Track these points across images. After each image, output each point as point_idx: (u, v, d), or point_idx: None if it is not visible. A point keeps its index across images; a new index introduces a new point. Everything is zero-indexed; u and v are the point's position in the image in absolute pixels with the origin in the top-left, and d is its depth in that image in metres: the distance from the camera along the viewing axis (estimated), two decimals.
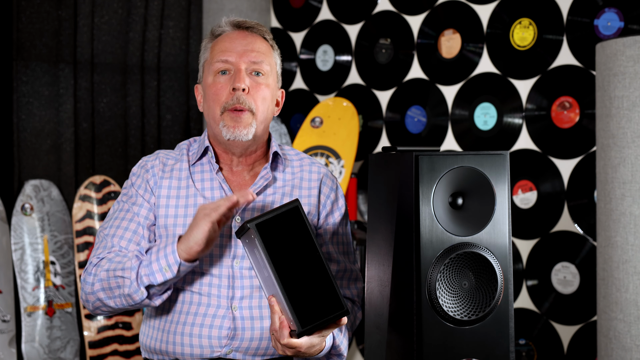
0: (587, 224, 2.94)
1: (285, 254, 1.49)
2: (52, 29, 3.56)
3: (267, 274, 1.52)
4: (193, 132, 3.93)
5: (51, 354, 3.38)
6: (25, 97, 3.52)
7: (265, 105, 1.81)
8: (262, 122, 1.81)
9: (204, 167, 1.84)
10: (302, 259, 1.50)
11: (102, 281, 1.70)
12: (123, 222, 1.79)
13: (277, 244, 1.48)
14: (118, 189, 3.61)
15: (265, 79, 1.81)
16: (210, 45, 1.86)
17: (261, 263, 1.52)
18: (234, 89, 1.77)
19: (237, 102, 1.76)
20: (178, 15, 3.87)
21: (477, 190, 1.43)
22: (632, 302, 2.08)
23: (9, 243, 3.36)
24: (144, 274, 1.65)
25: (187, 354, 1.75)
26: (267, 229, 1.48)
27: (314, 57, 3.84)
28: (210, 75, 1.82)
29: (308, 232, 1.51)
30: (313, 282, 1.50)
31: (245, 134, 1.78)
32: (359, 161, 3.64)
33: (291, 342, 1.54)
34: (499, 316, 1.44)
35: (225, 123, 1.78)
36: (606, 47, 2.16)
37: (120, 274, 1.67)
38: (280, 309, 1.54)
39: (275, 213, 1.49)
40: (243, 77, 1.78)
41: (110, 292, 1.70)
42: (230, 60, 1.79)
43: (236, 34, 1.83)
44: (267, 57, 1.83)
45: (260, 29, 1.85)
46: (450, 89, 3.33)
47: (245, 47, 1.80)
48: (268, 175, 1.83)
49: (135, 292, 1.66)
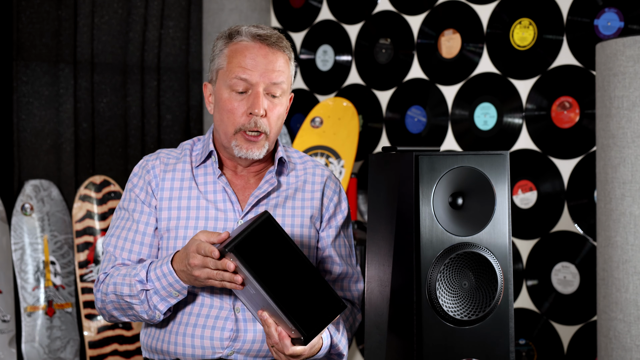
0: (587, 224, 2.94)
1: (270, 267, 1.47)
2: (52, 29, 3.56)
3: (254, 292, 1.51)
4: (193, 132, 3.93)
5: (51, 354, 3.38)
6: (25, 97, 3.52)
7: (278, 123, 1.79)
8: (274, 139, 1.80)
9: (207, 169, 1.83)
10: (288, 266, 1.49)
11: (112, 302, 1.73)
12: (123, 232, 1.80)
13: (259, 260, 1.47)
14: (118, 189, 3.62)
15: (280, 99, 1.78)
16: (226, 51, 1.77)
17: (246, 282, 1.52)
18: (251, 113, 1.73)
19: (254, 127, 1.74)
20: (178, 15, 3.87)
21: (477, 190, 1.43)
22: (632, 302, 2.08)
23: (9, 243, 3.36)
24: (156, 302, 1.68)
25: (189, 355, 1.75)
26: (245, 248, 1.47)
27: (314, 57, 3.84)
28: (226, 90, 1.76)
29: (286, 239, 1.49)
30: (305, 286, 1.49)
31: (258, 155, 1.77)
32: (359, 161, 3.64)
33: (296, 350, 1.54)
34: (499, 316, 1.44)
35: (238, 143, 1.75)
36: (606, 47, 2.16)
37: (128, 300, 1.69)
38: (276, 320, 1.54)
39: (249, 230, 1.47)
40: (261, 102, 1.73)
41: (122, 311, 1.74)
42: (249, 80, 1.74)
43: (257, 50, 1.75)
44: (286, 74, 1.78)
45: (281, 44, 1.78)
46: (450, 89, 3.33)
47: (267, 67, 1.74)
48: (273, 180, 1.82)
49: (153, 317, 1.71)
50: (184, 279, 1.63)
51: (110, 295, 1.72)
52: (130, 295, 1.68)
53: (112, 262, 1.77)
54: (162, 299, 1.67)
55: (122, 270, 1.72)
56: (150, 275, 1.66)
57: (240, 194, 1.82)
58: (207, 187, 1.81)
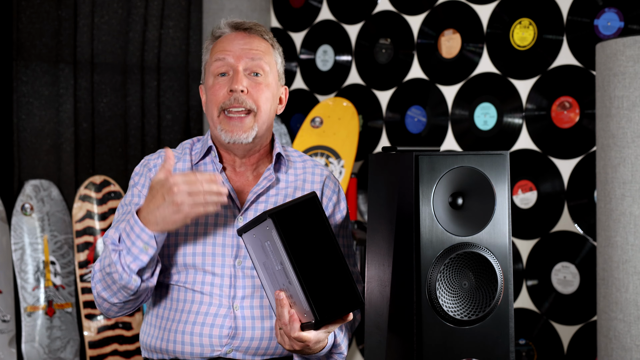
0: (587, 224, 2.94)
1: (302, 244, 1.47)
2: (52, 29, 3.56)
3: (279, 267, 1.50)
4: (193, 132, 3.93)
5: (51, 354, 3.38)
6: (25, 97, 3.52)
7: (267, 105, 1.80)
8: (264, 122, 1.80)
9: (207, 166, 1.84)
10: (319, 250, 1.49)
11: (100, 281, 1.70)
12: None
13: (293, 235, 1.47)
14: (118, 189, 3.62)
15: (264, 79, 1.81)
16: (210, 47, 1.86)
17: (273, 256, 1.51)
18: (232, 90, 1.77)
19: (234, 102, 1.76)
20: (178, 15, 3.87)
21: (477, 190, 1.43)
22: (632, 302, 2.08)
23: (9, 243, 3.36)
24: (129, 262, 1.63)
25: (187, 353, 1.75)
26: (284, 219, 1.47)
27: (314, 57, 3.84)
28: (211, 77, 1.82)
29: (325, 223, 1.50)
30: (330, 273, 1.49)
31: (245, 137, 1.78)
32: (359, 161, 3.64)
33: (302, 335, 1.53)
34: (499, 316, 1.44)
35: (223, 127, 1.78)
36: (606, 47, 2.16)
37: (109, 270, 1.66)
38: (290, 302, 1.54)
39: (292, 203, 1.48)
40: (241, 78, 1.77)
41: (109, 289, 1.69)
42: (228, 60, 1.79)
43: (234, 35, 1.83)
44: (266, 56, 1.82)
45: (259, 29, 1.85)
46: (450, 89, 3.33)
47: (243, 47, 1.80)
48: (271, 176, 1.83)
49: (129, 282, 1.65)
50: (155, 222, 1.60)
51: (97, 273, 1.70)
52: (109, 265, 1.65)
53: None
54: (134, 257, 1.62)
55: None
56: (122, 235, 1.64)
57: (239, 190, 1.83)
58: None
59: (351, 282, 1.50)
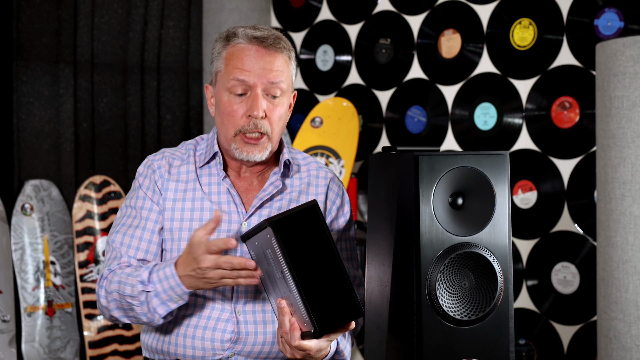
0: (587, 224, 2.94)
1: (302, 253, 1.47)
2: (52, 29, 3.56)
3: (280, 275, 1.50)
4: (193, 132, 3.93)
5: (51, 354, 3.38)
6: (25, 97, 3.52)
7: (280, 124, 1.78)
8: (277, 139, 1.78)
9: (211, 170, 1.82)
10: (319, 259, 1.48)
11: (115, 301, 1.70)
12: (130, 230, 1.78)
13: (294, 243, 1.46)
14: (118, 189, 3.62)
15: (281, 99, 1.76)
16: (224, 53, 1.77)
17: (274, 264, 1.50)
18: (250, 115, 1.73)
19: (254, 128, 1.73)
20: (178, 15, 3.87)
21: (477, 190, 1.43)
22: (632, 302, 2.08)
23: (9, 243, 3.36)
24: (156, 305, 1.64)
25: (189, 356, 1.75)
26: (284, 227, 1.46)
27: (314, 57, 3.84)
28: (225, 92, 1.75)
29: (325, 232, 1.49)
30: (330, 282, 1.48)
31: (260, 157, 1.76)
32: (359, 161, 3.64)
33: (302, 344, 1.53)
34: (499, 316, 1.44)
35: (238, 146, 1.75)
36: (606, 47, 2.16)
37: (130, 301, 1.67)
38: (291, 310, 1.53)
39: (292, 211, 1.47)
40: (260, 104, 1.72)
41: (124, 312, 1.71)
42: (246, 81, 1.72)
43: (254, 52, 1.74)
44: (285, 73, 1.76)
45: (279, 46, 1.76)
46: (450, 89, 3.33)
47: (264, 68, 1.72)
48: (278, 182, 1.81)
49: (152, 320, 1.68)
50: (188, 283, 1.61)
51: (113, 293, 1.70)
52: (131, 296, 1.66)
53: (118, 259, 1.75)
54: (162, 302, 1.64)
55: (127, 270, 1.70)
56: (152, 277, 1.64)
57: (243, 196, 1.81)
58: (211, 188, 1.80)
59: (351, 292, 1.49)
